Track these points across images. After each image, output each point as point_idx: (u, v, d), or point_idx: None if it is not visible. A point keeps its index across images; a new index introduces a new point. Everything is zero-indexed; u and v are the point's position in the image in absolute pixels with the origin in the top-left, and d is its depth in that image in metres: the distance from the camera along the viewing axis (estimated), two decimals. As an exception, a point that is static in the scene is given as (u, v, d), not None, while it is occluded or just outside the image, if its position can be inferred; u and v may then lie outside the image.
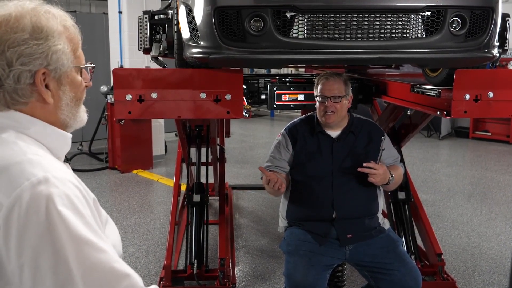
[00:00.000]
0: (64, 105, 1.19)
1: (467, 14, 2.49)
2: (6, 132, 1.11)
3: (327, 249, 2.85)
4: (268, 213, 5.63)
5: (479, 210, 5.84)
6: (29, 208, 0.97)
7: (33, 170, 1.02)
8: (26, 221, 0.96)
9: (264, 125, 12.74)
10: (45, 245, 0.95)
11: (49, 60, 1.12)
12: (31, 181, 0.99)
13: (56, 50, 1.13)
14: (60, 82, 1.17)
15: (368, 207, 2.94)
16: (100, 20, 9.22)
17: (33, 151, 1.08)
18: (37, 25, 1.11)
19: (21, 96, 1.12)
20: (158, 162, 7.98)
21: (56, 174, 1.03)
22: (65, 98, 1.19)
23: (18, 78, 1.10)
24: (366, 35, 2.43)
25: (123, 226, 5.21)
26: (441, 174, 7.56)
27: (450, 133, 10.66)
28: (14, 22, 1.10)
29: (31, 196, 0.98)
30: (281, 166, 2.98)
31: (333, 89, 2.90)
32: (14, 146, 1.08)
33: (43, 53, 1.11)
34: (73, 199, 1.02)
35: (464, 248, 4.67)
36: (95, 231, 1.03)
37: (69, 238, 0.97)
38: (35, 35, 1.10)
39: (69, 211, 0.99)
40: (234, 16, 2.39)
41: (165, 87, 2.66)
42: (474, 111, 2.75)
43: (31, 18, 1.11)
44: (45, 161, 1.06)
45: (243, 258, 4.43)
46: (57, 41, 1.13)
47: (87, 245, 0.99)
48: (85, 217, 1.02)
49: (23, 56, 1.09)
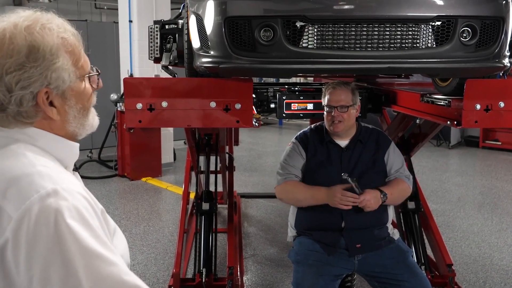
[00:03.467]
0: (72, 118, 1.18)
1: (478, 24, 2.48)
2: (15, 143, 1.11)
3: (336, 259, 2.84)
4: (276, 221, 5.62)
5: (489, 220, 5.79)
6: (39, 221, 0.97)
7: (42, 182, 1.02)
8: (36, 234, 0.96)
9: (272, 133, 12.74)
10: (54, 258, 0.95)
11: (49, 79, 1.11)
12: (40, 194, 0.99)
13: (55, 68, 1.11)
14: (65, 97, 1.15)
15: (377, 217, 2.92)
16: (110, 29, 9.28)
17: (42, 163, 1.08)
18: (33, 44, 1.08)
19: (26, 118, 1.11)
20: (167, 170, 8.00)
21: (65, 186, 1.03)
22: (72, 111, 1.18)
23: (21, 102, 1.09)
24: (376, 45, 2.43)
25: (132, 233, 5.22)
26: (451, 183, 7.52)
27: (459, 142, 10.60)
28: (9, 45, 1.08)
29: (40, 209, 0.97)
30: (296, 174, 2.99)
31: (340, 99, 2.91)
32: (23, 158, 1.08)
33: (42, 74, 1.09)
34: (82, 211, 1.02)
35: (475, 258, 4.64)
36: (105, 243, 1.03)
37: (78, 251, 0.97)
38: (31, 57, 1.08)
39: (78, 223, 0.99)
40: (244, 26, 2.40)
41: (175, 96, 2.67)
42: (485, 121, 2.73)
43: (25, 38, 1.08)
44: (54, 173, 1.06)
45: (252, 267, 4.42)
46: (55, 59, 1.11)
47: (97, 258, 0.98)
48: (94, 229, 1.02)
49: (22, 80, 1.08)
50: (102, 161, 8.25)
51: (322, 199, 2.83)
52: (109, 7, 13.20)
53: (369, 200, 2.78)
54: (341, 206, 2.76)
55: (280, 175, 3.01)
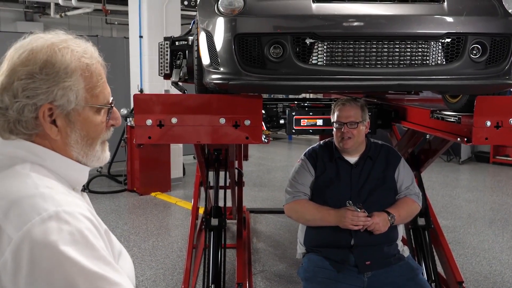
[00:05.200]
0: (73, 142, 1.17)
1: (488, 41, 2.48)
2: (21, 164, 1.11)
3: (345, 276, 2.82)
4: (286, 237, 5.60)
5: (500, 236, 5.73)
6: (40, 243, 0.96)
7: (44, 204, 1.01)
8: (37, 256, 0.95)
9: (282, 148, 12.73)
10: (58, 279, 0.95)
11: (55, 96, 1.10)
12: (42, 216, 0.99)
13: (63, 86, 1.11)
14: (69, 119, 1.14)
15: (387, 234, 2.90)
16: (121, 44, 9.37)
17: (46, 184, 1.07)
18: (50, 60, 1.10)
19: (24, 128, 1.11)
20: (176, 185, 8.00)
21: (68, 208, 1.03)
22: (74, 135, 1.16)
23: (22, 110, 1.09)
24: (385, 62, 2.43)
25: (140, 248, 5.21)
26: (462, 199, 7.46)
27: (470, 157, 10.53)
28: (28, 55, 1.10)
29: (41, 231, 0.97)
30: (304, 191, 2.98)
31: (349, 116, 2.91)
32: (27, 179, 1.07)
33: (49, 88, 1.09)
34: (85, 233, 1.01)
35: (486, 276, 4.58)
36: (109, 263, 1.02)
37: (81, 274, 0.96)
38: (45, 70, 1.09)
39: (80, 246, 0.98)
40: (254, 43, 2.42)
41: (184, 113, 2.68)
42: (495, 138, 2.72)
43: (46, 53, 1.11)
44: (57, 195, 1.05)
45: (261, 283, 4.39)
46: (68, 78, 1.11)
47: (100, 280, 0.98)
48: (98, 250, 1.02)
49: (29, 89, 1.08)
50: (111, 176, 8.27)
51: (332, 221, 2.82)
52: (120, 22, 13.33)
53: (378, 223, 2.77)
54: (352, 227, 2.76)
55: (289, 194, 3.01)
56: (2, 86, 1.10)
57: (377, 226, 2.77)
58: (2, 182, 1.08)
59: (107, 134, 1.25)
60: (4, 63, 1.13)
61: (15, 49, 1.14)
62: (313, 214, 2.90)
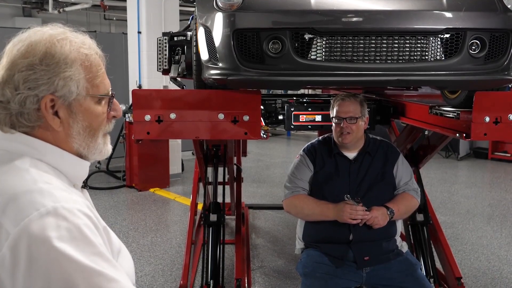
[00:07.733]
0: (76, 133, 1.17)
1: (487, 36, 2.48)
2: (20, 159, 1.10)
3: (344, 272, 2.83)
4: (284, 233, 5.60)
5: (499, 232, 5.74)
6: (37, 239, 0.96)
7: (42, 200, 1.01)
8: (35, 251, 0.95)
9: (280, 144, 12.73)
10: (55, 275, 0.95)
11: (56, 86, 1.10)
12: (40, 212, 0.98)
13: (64, 76, 1.11)
14: (71, 110, 1.14)
15: (386, 230, 2.90)
16: (119, 40, 9.35)
17: (45, 179, 1.07)
18: (49, 51, 1.11)
19: (27, 120, 1.11)
20: (175, 181, 8.00)
21: (66, 204, 1.02)
22: (76, 126, 1.16)
23: (24, 102, 1.09)
24: (384, 57, 2.43)
25: (139, 244, 5.22)
26: (460, 195, 7.47)
27: (468, 154, 10.54)
28: (28, 48, 1.11)
29: (39, 227, 0.97)
30: (303, 187, 2.98)
31: (348, 111, 2.91)
32: (25, 174, 1.07)
33: (50, 79, 1.10)
34: (83, 230, 1.01)
35: (484, 271, 4.59)
36: (107, 259, 1.02)
37: (78, 270, 0.96)
38: (45, 61, 1.10)
39: (77, 243, 0.98)
40: (253, 38, 2.41)
41: (183, 108, 2.68)
42: (494, 134, 2.71)
43: (45, 44, 1.11)
44: (56, 191, 1.05)
45: (259, 279, 4.40)
46: (68, 68, 1.12)
47: (98, 276, 0.98)
48: (96, 246, 1.01)
49: (30, 81, 1.09)
50: (110, 172, 8.27)
51: (330, 215, 2.82)
52: (118, 18, 13.31)
53: (377, 217, 2.77)
54: (351, 221, 2.76)
55: (288, 189, 3.01)
56: (3, 80, 1.10)
57: (376, 220, 2.77)
58: (1, 177, 1.07)
59: (108, 127, 1.25)
60: (3, 58, 1.14)
61: (14, 43, 1.14)
62: (312, 208, 2.90)
